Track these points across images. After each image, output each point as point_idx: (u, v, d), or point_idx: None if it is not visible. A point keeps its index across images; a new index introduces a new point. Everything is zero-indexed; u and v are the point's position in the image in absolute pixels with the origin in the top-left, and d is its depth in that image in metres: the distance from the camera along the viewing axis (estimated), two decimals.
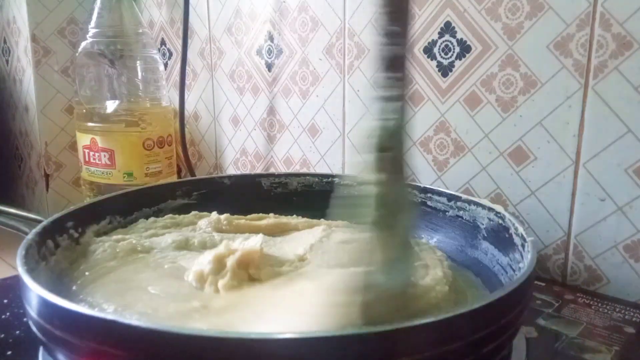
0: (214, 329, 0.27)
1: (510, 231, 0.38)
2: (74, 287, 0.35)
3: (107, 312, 0.31)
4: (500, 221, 0.40)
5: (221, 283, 0.33)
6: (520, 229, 0.36)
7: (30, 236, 0.34)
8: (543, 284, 0.46)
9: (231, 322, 0.29)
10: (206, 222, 0.46)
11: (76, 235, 0.40)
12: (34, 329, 0.28)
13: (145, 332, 0.23)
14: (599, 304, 0.42)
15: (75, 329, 0.25)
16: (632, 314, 0.41)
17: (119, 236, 0.42)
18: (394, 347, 0.23)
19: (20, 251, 0.32)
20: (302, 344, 0.22)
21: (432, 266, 0.38)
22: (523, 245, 0.35)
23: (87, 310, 0.25)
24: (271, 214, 0.50)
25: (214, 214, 0.47)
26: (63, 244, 0.38)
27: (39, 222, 0.38)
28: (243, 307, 0.31)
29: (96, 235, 0.42)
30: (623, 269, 0.45)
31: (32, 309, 0.27)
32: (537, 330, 0.38)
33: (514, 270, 0.36)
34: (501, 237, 0.40)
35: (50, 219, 0.38)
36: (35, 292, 0.27)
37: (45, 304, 0.26)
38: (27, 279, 0.28)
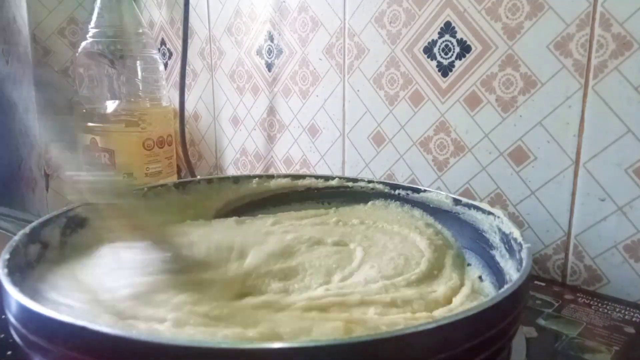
0: (184, 338, 0.26)
1: (508, 236, 0.37)
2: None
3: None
4: (499, 225, 0.39)
5: None
6: (517, 234, 0.35)
7: (16, 237, 0.34)
8: (543, 284, 0.46)
9: None
10: None
11: (68, 236, 0.40)
12: (12, 332, 0.27)
13: (114, 339, 0.22)
14: (599, 304, 0.42)
15: (47, 334, 0.25)
16: (632, 314, 0.41)
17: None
18: (384, 356, 0.22)
19: (4, 254, 0.31)
20: (278, 354, 0.22)
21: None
22: (521, 251, 0.34)
23: (58, 314, 0.24)
24: None
25: None
26: (53, 245, 0.38)
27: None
28: None
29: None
30: (623, 269, 0.45)
31: (10, 312, 0.27)
32: (537, 330, 0.38)
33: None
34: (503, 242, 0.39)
35: (39, 220, 0.37)
36: (12, 296, 0.26)
37: (19, 307, 0.26)
38: (4, 281, 0.28)
